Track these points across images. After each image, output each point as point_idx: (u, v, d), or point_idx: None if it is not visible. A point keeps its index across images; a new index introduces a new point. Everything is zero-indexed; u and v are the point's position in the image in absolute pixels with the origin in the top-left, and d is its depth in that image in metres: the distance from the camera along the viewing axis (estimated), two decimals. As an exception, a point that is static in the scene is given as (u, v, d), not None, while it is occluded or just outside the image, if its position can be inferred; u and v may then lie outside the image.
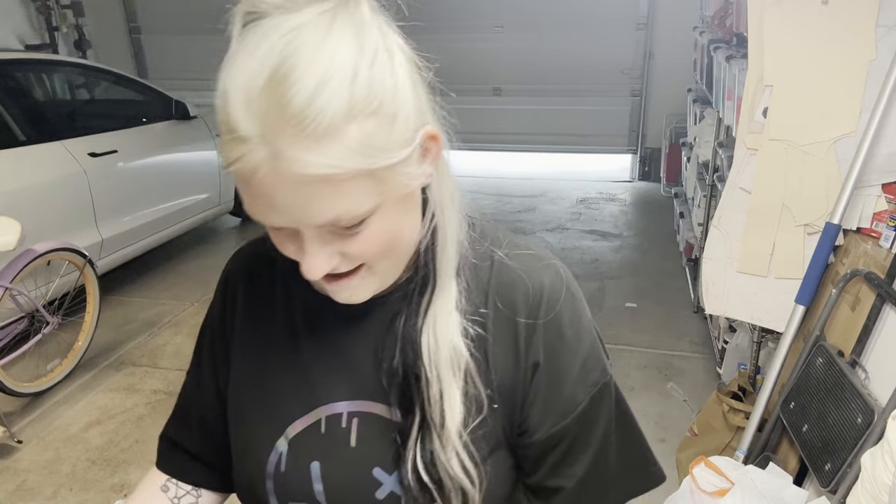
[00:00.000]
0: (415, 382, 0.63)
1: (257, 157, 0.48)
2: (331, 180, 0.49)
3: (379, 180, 0.52)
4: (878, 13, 1.76)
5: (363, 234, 0.54)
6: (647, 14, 5.58)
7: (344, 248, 0.55)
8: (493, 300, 0.65)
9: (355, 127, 0.48)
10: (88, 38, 6.25)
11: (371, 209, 0.53)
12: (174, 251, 4.41)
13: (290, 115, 0.46)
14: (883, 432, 1.37)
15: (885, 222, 1.80)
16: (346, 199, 0.51)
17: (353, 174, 0.49)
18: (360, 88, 0.48)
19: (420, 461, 0.62)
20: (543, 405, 0.65)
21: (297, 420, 0.67)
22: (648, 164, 6.01)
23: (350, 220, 0.52)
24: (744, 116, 2.00)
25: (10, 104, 3.17)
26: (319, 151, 0.47)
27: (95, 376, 2.97)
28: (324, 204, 0.50)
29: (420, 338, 0.63)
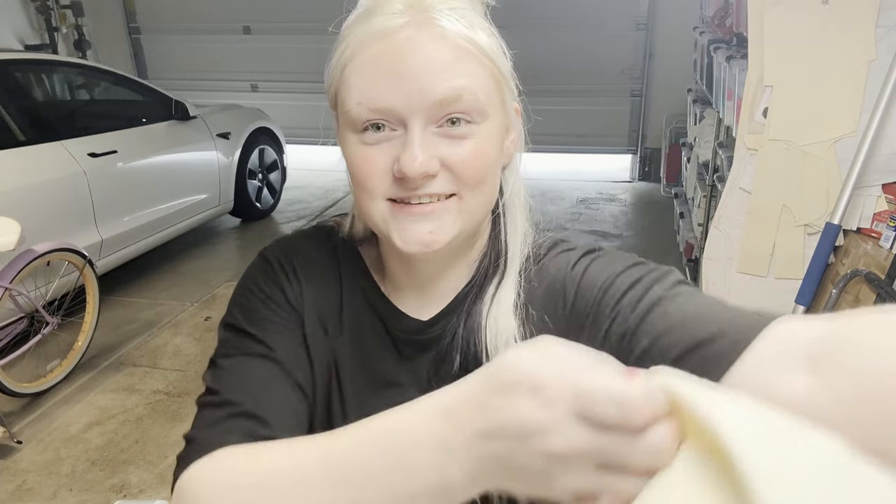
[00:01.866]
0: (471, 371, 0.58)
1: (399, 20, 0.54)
2: (463, 53, 0.55)
3: (497, 88, 0.58)
4: (878, 13, 1.76)
5: (469, 143, 0.56)
6: (647, 14, 5.58)
7: (448, 154, 0.56)
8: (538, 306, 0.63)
9: (482, 32, 0.57)
10: (88, 39, 6.25)
11: (485, 105, 0.56)
12: (174, 251, 4.41)
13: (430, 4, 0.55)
14: (883, 433, 1.37)
15: (886, 222, 1.80)
16: (471, 78, 0.55)
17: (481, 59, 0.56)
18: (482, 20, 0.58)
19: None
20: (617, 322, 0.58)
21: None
22: (648, 165, 6.01)
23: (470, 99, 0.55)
24: (744, 116, 2.00)
25: (9, 104, 3.17)
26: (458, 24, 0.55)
27: (95, 377, 2.97)
28: (451, 73, 0.54)
29: (485, 321, 0.63)
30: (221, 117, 4.52)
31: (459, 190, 0.57)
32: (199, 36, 6.48)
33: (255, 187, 4.90)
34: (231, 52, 6.44)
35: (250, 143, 4.73)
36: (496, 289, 0.64)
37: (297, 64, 6.23)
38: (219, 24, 6.38)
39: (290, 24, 6.10)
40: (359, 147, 0.56)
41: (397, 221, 0.57)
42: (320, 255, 0.69)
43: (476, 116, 0.56)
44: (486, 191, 0.59)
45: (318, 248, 0.69)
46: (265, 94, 6.43)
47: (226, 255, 4.48)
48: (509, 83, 0.60)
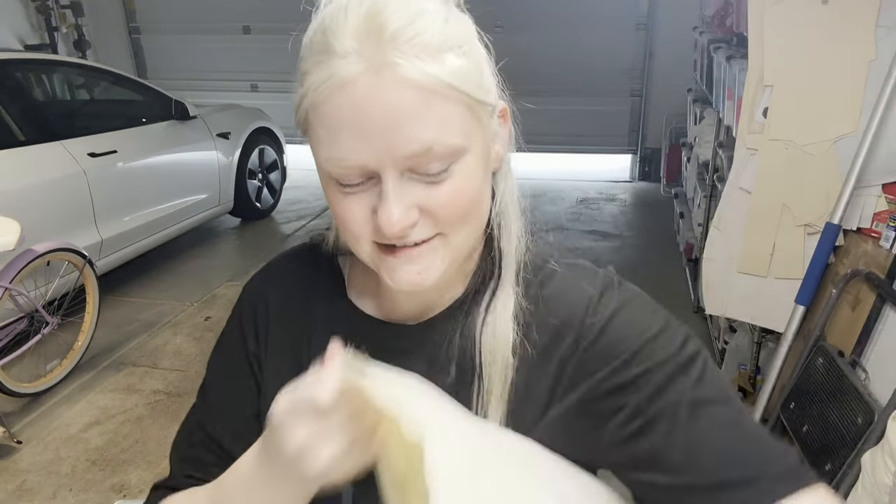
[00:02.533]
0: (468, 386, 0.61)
1: (356, 68, 0.49)
2: (429, 95, 0.49)
3: (470, 118, 0.53)
4: (878, 13, 1.76)
5: (447, 184, 0.53)
6: (647, 14, 5.58)
7: (426, 199, 0.53)
8: (542, 309, 0.62)
9: (451, 56, 0.50)
10: (88, 39, 6.25)
11: (461, 146, 0.52)
12: (174, 251, 4.41)
13: (389, 36, 0.49)
14: (883, 433, 1.37)
15: (886, 222, 1.80)
16: (441, 124, 0.50)
17: (450, 94, 0.50)
18: (451, 29, 0.52)
19: None
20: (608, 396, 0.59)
21: None
22: (648, 164, 6.01)
23: (442, 149, 0.51)
24: (744, 116, 2.00)
25: (9, 104, 3.17)
26: (420, 62, 0.49)
27: (95, 376, 2.97)
28: (418, 125, 0.49)
29: (480, 330, 0.62)
30: (221, 117, 4.52)
31: (443, 230, 0.55)
32: (199, 36, 6.48)
33: (255, 187, 4.90)
34: (231, 52, 6.44)
35: (250, 142, 4.73)
36: (491, 297, 0.63)
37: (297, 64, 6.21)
38: (219, 24, 6.38)
39: (290, 24, 6.06)
40: (336, 194, 0.54)
41: (385, 263, 0.57)
42: (299, 281, 0.71)
43: (451, 158, 0.52)
44: (472, 222, 0.57)
45: (299, 275, 0.72)
46: (265, 94, 6.43)
47: (226, 255, 4.48)
48: (488, 96, 0.55)
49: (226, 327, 0.74)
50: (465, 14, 0.56)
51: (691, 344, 0.59)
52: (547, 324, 0.62)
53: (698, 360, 0.58)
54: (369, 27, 0.49)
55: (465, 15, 0.56)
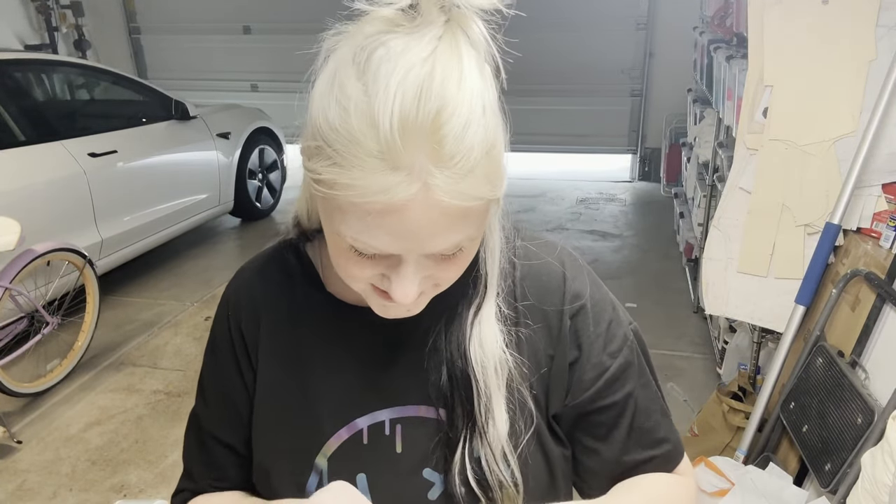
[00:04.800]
0: (463, 392, 0.64)
1: (411, 189, 0.48)
2: (468, 211, 0.51)
3: (488, 209, 0.54)
4: (878, 13, 1.76)
5: (458, 259, 0.56)
6: (647, 14, 5.58)
7: (436, 271, 0.56)
8: (521, 291, 0.68)
9: (488, 159, 0.50)
10: (88, 39, 6.25)
11: (477, 235, 0.56)
12: (174, 251, 4.41)
13: (444, 154, 0.48)
14: (883, 432, 1.37)
15: (886, 222, 1.80)
16: (472, 226, 0.53)
17: (480, 205, 0.52)
18: (489, 120, 0.51)
19: (469, 468, 0.63)
20: (576, 381, 0.68)
21: (335, 435, 0.66)
22: (648, 164, 6.01)
23: (468, 245, 0.55)
24: (744, 116, 2.00)
25: (10, 104, 3.17)
26: (467, 185, 0.49)
27: (95, 376, 2.97)
28: (453, 233, 0.52)
29: (469, 348, 0.64)
30: (221, 117, 4.52)
31: (440, 282, 0.58)
32: (199, 36, 6.49)
33: (255, 187, 4.90)
34: (231, 52, 6.44)
35: (250, 142, 4.73)
36: (476, 313, 0.65)
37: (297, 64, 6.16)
38: (219, 24, 6.38)
39: (290, 24, 6.10)
40: (348, 252, 0.54)
41: (379, 302, 0.58)
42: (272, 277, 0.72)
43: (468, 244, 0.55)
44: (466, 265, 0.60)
45: (270, 271, 0.72)
46: (265, 94, 6.43)
47: (226, 255, 4.48)
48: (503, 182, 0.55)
49: (212, 334, 0.75)
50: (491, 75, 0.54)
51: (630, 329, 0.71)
52: (530, 304, 0.68)
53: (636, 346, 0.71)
54: (424, 137, 0.47)
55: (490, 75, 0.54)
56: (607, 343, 0.68)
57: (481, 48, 0.52)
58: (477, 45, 0.51)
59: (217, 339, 0.74)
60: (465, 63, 0.49)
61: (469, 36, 0.51)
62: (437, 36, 0.49)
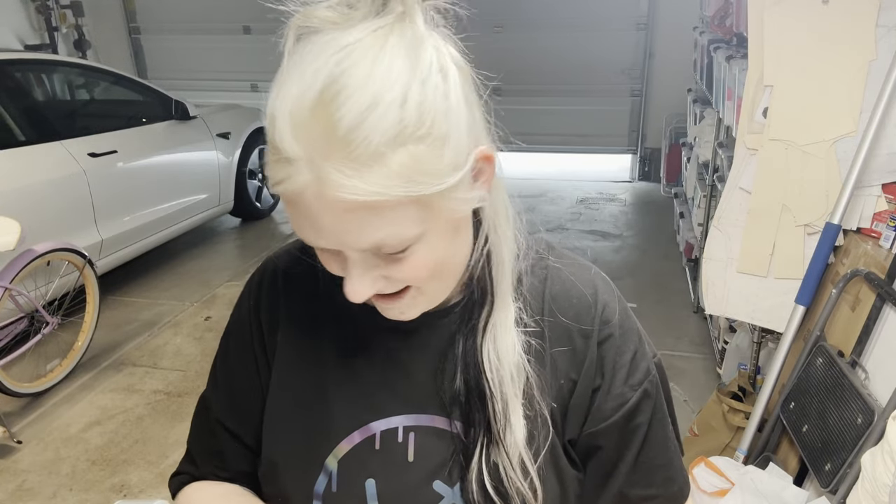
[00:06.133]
0: (478, 400, 0.62)
1: (303, 179, 0.47)
2: (375, 206, 0.47)
3: (425, 206, 0.50)
4: (878, 13, 1.76)
5: (408, 259, 0.53)
6: (647, 14, 5.58)
7: (388, 272, 0.54)
8: (549, 308, 0.66)
9: (403, 152, 0.47)
10: (88, 38, 6.25)
11: (416, 235, 0.51)
12: (174, 251, 4.41)
13: (337, 139, 0.45)
14: (883, 432, 1.37)
15: (885, 222, 1.80)
16: (391, 225, 0.49)
17: (397, 201, 0.48)
18: (410, 112, 0.47)
19: (486, 476, 0.61)
20: (595, 409, 0.66)
21: (347, 437, 0.65)
22: (648, 164, 6.01)
23: (394, 245, 0.51)
24: (744, 116, 2.00)
25: (10, 104, 3.17)
26: (364, 177, 0.46)
27: (95, 376, 2.97)
28: (367, 229, 0.49)
29: (482, 356, 0.62)
30: (221, 117, 4.52)
31: (419, 286, 0.56)
32: (199, 36, 6.48)
33: (255, 187, 4.90)
34: (231, 52, 6.44)
35: (250, 142, 4.72)
36: (487, 319, 0.63)
37: (297, 64, 6.21)
38: (219, 24, 6.38)
39: (290, 23, 6.09)
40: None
41: (377, 302, 0.59)
42: (299, 274, 0.70)
43: (407, 244, 0.52)
44: (443, 277, 0.58)
45: (298, 268, 0.71)
46: (265, 94, 6.40)
47: (226, 255, 4.48)
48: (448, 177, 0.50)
49: (231, 321, 0.74)
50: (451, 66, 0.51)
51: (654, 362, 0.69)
52: (557, 322, 0.66)
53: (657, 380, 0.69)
54: (317, 124, 0.46)
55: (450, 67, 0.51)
56: (630, 374, 0.66)
57: (428, 44, 0.49)
58: (421, 40, 0.49)
59: (235, 326, 0.73)
60: (388, 52, 0.47)
61: (414, 32, 0.49)
62: (374, 28, 0.48)
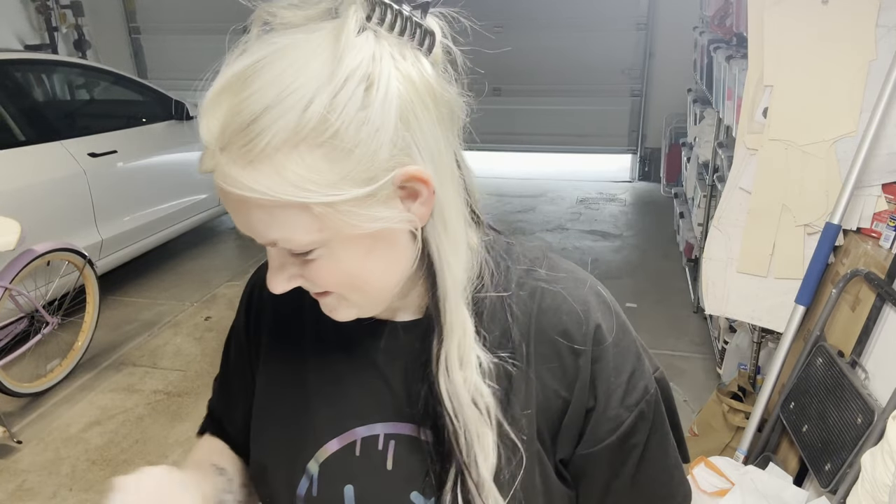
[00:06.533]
0: (447, 426, 0.60)
1: (208, 164, 0.50)
2: (262, 205, 0.48)
3: (317, 217, 0.49)
4: (878, 13, 1.76)
5: (314, 264, 0.53)
6: (647, 14, 5.58)
7: (302, 272, 0.54)
8: (536, 323, 0.62)
9: (295, 156, 0.47)
10: (88, 38, 6.25)
11: (311, 243, 0.51)
12: (174, 251, 4.41)
13: (233, 129, 0.47)
14: (883, 432, 1.37)
15: (885, 222, 1.80)
16: (281, 227, 0.50)
17: (282, 204, 0.48)
18: (311, 116, 0.46)
19: (460, 498, 0.59)
20: (590, 431, 0.64)
21: (330, 442, 0.65)
22: (648, 164, 6.01)
23: (291, 247, 0.51)
24: (744, 116, 2.00)
25: (10, 104, 3.17)
26: (252, 175, 0.47)
27: (95, 376, 2.97)
28: (260, 225, 0.50)
29: (439, 387, 0.59)
30: (221, 117, 4.51)
31: (338, 292, 0.56)
32: (199, 36, 6.48)
33: (255, 187, 4.90)
34: (231, 52, 6.44)
35: (250, 142, 4.72)
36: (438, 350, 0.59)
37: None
38: (219, 24, 6.36)
39: (290, 24, 6.09)
40: None
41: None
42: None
43: (307, 248, 0.52)
44: (365, 289, 0.57)
45: None
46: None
47: (226, 255, 4.48)
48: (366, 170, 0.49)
49: (232, 326, 0.78)
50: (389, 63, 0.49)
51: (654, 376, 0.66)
52: (545, 337, 0.62)
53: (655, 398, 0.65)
54: (223, 111, 0.47)
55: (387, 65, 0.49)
56: (626, 395, 0.63)
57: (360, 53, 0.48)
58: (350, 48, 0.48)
59: (233, 330, 0.77)
60: (309, 54, 0.47)
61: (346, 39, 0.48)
62: (313, 30, 0.49)
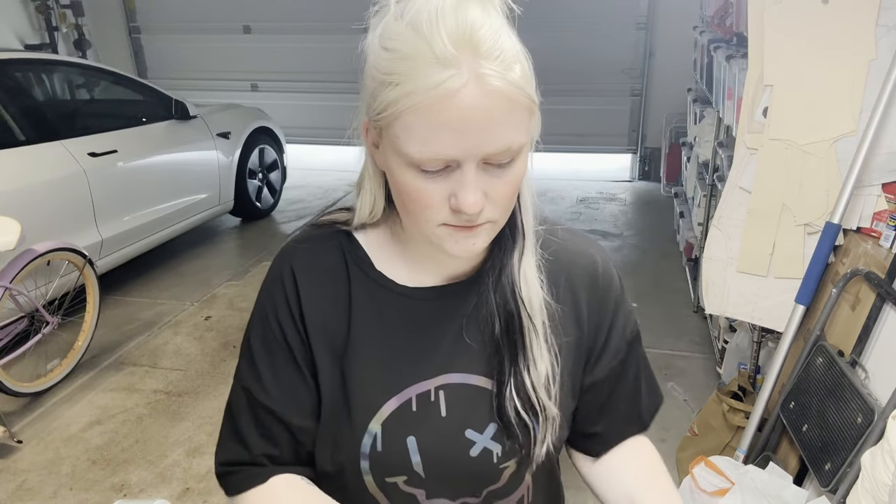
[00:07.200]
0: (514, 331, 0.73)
1: (461, 79, 0.58)
2: (511, 102, 0.60)
3: (531, 116, 0.64)
4: (878, 13, 1.76)
5: (509, 173, 0.64)
6: (647, 14, 5.58)
7: (490, 186, 0.63)
8: (562, 271, 0.78)
9: (519, 66, 0.61)
10: (88, 38, 6.25)
11: (525, 142, 0.64)
12: (174, 251, 4.41)
13: (485, 51, 0.59)
14: (883, 432, 1.37)
15: (885, 222, 1.80)
16: (517, 126, 0.61)
17: (524, 104, 0.61)
18: (514, 40, 0.62)
19: (516, 397, 0.72)
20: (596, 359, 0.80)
21: (388, 402, 0.73)
22: (648, 164, 6.01)
23: (515, 148, 0.62)
24: (744, 116, 2.00)
25: (10, 104, 3.17)
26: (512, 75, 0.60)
27: (95, 376, 2.97)
28: (504, 127, 0.60)
29: (519, 287, 0.73)
30: (221, 117, 4.52)
31: (496, 217, 0.66)
32: (199, 36, 6.48)
33: (255, 187, 4.90)
34: (231, 51, 6.44)
35: (250, 142, 4.72)
36: (520, 260, 0.74)
37: (297, 64, 6.22)
38: (219, 24, 6.38)
39: (290, 23, 6.10)
40: (416, 179, 0.63)
41: (450, 237, 0.67)
42: (327, 261, 0.77)
43: (518, 152, 0.63)
44: (513, 205, 0.69)
45: (324, 252, 0.78)
46: (265, 94, 6.43)
47: (226, 255, 4.48)
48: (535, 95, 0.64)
49: (263, 309, 0.78)
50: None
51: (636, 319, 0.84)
52: (566, 272, 0.78)
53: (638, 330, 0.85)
54: (468, 42, 0.58)
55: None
56: (625, 330, 0.81)
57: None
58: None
59: (269, 314, 0.77)
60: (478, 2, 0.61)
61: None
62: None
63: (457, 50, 0.58)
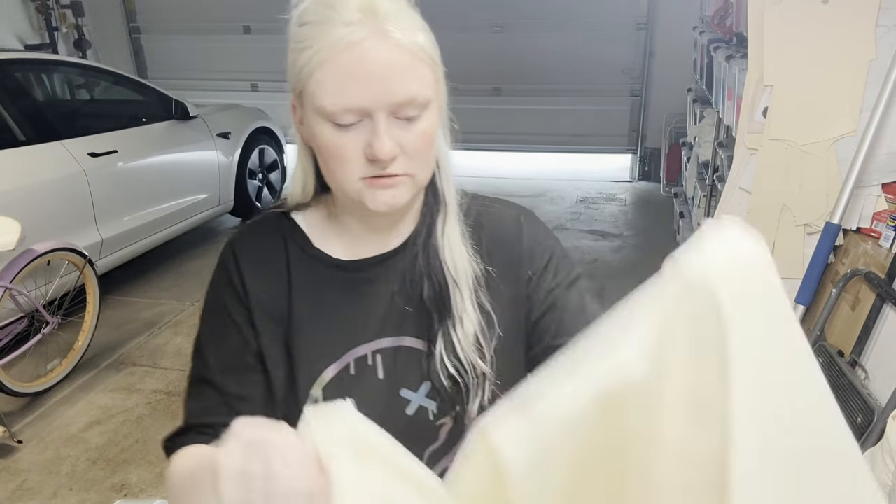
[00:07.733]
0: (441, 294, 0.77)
1: (362, 32, 0.65)
2: (412, 58, 0.67)
3: (435, 77, 0.71)
4: (878, 13, 1.76)
5: (418, 126, 0.69)
6: (647, 14, 5.58)
7: (402, 138, 0.69)
8: (487, 233, 0.82)
9: (422, 34, 0.69)
10: (88, 38, 6.24)
11: (430, 98, 0.70)
12: (174, 251, 4.41)
13: (384, 15, 0.66)
14: (883, 432, 1.37)
15: (885, 222, 1.80)
16: (419, 80, 0.68)
17: (424, 58, 0.68)
18: (415, 17, 0.70)
19: (445, 356, 0.76)
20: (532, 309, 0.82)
21: (328, 368, 0.78)
22: (648, 164, 6.01)
23: (420, 101, 0.68)
24: (744, 116, 2.01)
25: (10, 104, 3.17)
26: (411, 33, 0.67)
27: (95, 376, 2.97)
28: (406, 79, 0.67)
29: (443, 253, 0.78)
30: (221, 117, 4.52)
31: (414, 171, 0.71)
32: (199, 36, 6.48)
33: (255, 187, 4.90)
34: (231, 51, 6.44)
35: (250, 142, 4.72)
36: (443, 226, 0.79)
37: (297, 64, 6.22)
38: (219, 24, 6.38)
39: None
40: (333, 133, 0.69)
41: (370, 191, 0.71)
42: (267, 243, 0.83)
43: (423, 107, 0.69)
44: (430, 161, 0.74)
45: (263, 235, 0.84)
46: (265, 94, 6.42)
47: (226, 255, 4.48)
48: (439, 62, 0.72)
49: (210, 293, 0.83)
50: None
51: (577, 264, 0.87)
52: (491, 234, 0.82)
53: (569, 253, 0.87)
54: (373, 11, 0.66)
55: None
56: (556, 273, 0.83)
57: None
58: None
59: (215, 300, 0.82)
60: None
61: None
62: None
63: (362, 15, 0.65)
